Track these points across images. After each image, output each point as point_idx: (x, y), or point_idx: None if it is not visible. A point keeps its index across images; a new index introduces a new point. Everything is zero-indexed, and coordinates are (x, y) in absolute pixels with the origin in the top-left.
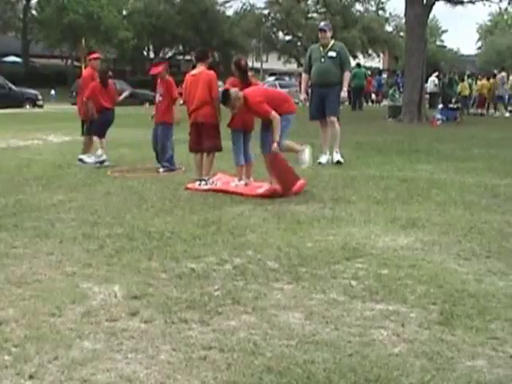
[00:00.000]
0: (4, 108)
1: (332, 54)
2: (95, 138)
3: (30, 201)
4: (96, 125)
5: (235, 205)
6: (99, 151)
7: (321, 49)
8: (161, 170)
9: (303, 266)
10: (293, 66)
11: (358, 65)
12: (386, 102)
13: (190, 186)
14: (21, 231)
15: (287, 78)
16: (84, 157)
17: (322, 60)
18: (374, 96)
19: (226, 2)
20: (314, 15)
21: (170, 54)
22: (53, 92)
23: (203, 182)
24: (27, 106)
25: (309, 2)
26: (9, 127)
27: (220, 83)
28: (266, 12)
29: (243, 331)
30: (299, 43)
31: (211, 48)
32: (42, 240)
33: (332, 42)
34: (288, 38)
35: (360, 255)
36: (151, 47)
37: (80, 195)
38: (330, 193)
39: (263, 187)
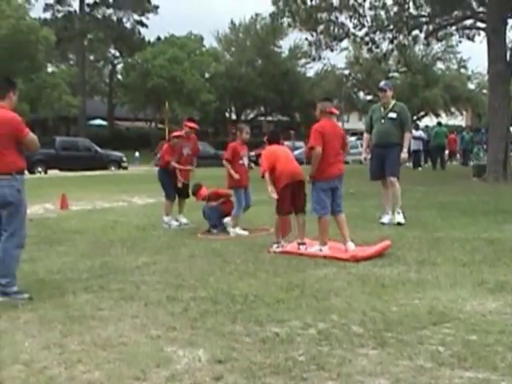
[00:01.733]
0: (90, 170)
1: (392, 115)
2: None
3: (116, 263)
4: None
5: (319, 268)
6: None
7: (381, 109)
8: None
9: (389, 331)
10: None
11: (439, 123)
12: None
13: (289, 249)
14: (107, 293)
15: None
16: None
17: (383, 121)
18: (458, 155)
19: (307, 64)
20: (395, 74)
21: (251, 116)
22: (137, 154)
23: (303, 247)
24: (112, 168)
25: (390, 62)
26: (95, 189)
27: (300, 144)
28: (346, 72)
29: None
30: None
31: (292, 109)
32: (127, 302)
33: (393, 102)
34: (369, 97)
35: (447, 320)
36: (233, 109)
37: (164, 258)
38: (414, 255)
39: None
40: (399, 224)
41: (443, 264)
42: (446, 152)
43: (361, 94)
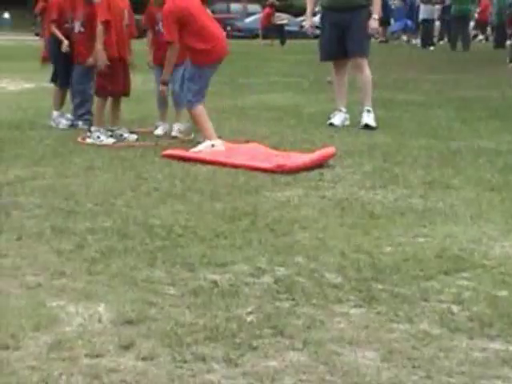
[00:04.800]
0: None
1: None
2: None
3: None
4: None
5: (278, 188)
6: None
7: None
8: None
9: (379, 282)
10: None
11: None
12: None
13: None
14: None
15: None
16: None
17: None
18: (489, 30)
19: None
20: None
21: None
22: (6, 15)
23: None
24: None
25: None
26: None
27: (256, 7)
28: None
29: (289, 376)
30: None
31: None
32: None
33: None
34: None
35: (465, 267)
36: None
37: (49, 170)
38: (419, 173)
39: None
40: (367, 127)
41: (462, 187)
42: (472, 24)
43: None
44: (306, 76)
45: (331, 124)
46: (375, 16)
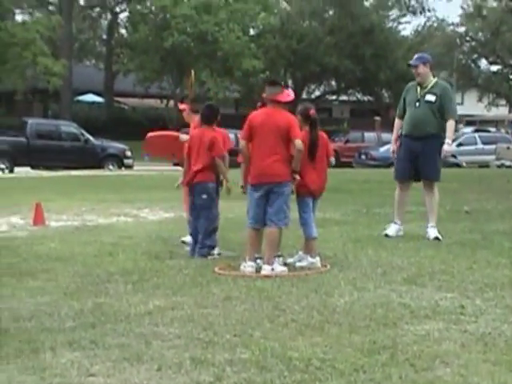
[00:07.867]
0: (78, 168)
1: (430, 97)
2: None
3: (115, 306)
4: None
5: (417, 322)
6: None
7: (418, 89)
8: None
9: None
10: (502, 111)
11: None
12: None
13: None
14: (102, 351)
15: (493, 129)
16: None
17: (417, 104)
18: None
19: (402, 17)
20: None
21: (317, 93)
22: None
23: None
24: (110, 167)
25: None
26: (84, 196)
27: (390, 136)
28: (461, 30)
29: None
30: None
31: (378, 84)
32: (131, 365)
33: (433, 80)
34: (495, 68)
35: None
36: (290, 82)
37: (187, 300)
38: None
39: None
40: (437, 239)
41: None
42: None
43: (482, 61)
44: (442, 205)
45: (386, 235)
46: (448, 141)
